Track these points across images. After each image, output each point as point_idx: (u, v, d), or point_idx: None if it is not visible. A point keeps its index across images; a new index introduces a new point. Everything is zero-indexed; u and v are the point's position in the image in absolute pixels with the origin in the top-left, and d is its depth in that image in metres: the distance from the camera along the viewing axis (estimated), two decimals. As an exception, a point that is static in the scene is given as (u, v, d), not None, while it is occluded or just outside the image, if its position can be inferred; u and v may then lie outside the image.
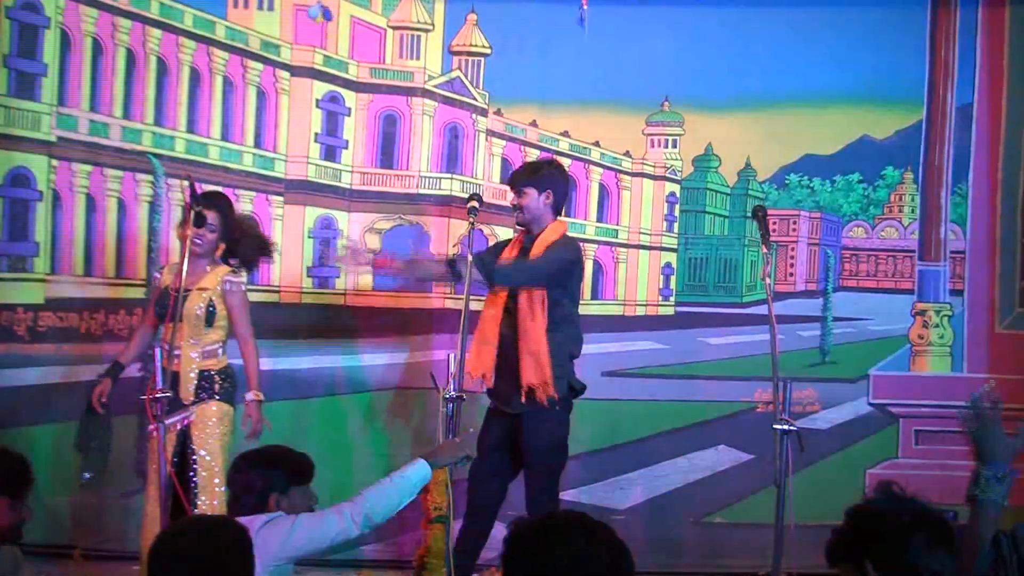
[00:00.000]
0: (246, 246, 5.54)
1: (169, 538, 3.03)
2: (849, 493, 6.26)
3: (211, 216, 5.26)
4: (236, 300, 5.41)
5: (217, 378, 5.36)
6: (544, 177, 5.46)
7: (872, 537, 2.84)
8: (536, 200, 5.43)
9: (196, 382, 5.32)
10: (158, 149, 6.57)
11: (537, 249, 5.43)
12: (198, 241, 5.23)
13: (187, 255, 5.02)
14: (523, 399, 5.32)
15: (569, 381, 5.41)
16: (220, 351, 5.43)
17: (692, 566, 6.40)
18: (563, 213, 5.66)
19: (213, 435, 5.30)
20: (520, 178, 5.50)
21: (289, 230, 6.75)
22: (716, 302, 7.02)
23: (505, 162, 6.92)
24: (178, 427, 5.28)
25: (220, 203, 5.46)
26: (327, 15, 6.75)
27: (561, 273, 5.41)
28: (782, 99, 6.78)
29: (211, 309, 5.35)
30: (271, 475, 3.91)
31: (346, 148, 6.83)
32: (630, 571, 2.60)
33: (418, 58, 6.88)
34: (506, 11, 6.78)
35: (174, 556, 2.94)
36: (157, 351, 4.96)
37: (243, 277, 5.54)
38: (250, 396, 5.37)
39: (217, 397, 5.35)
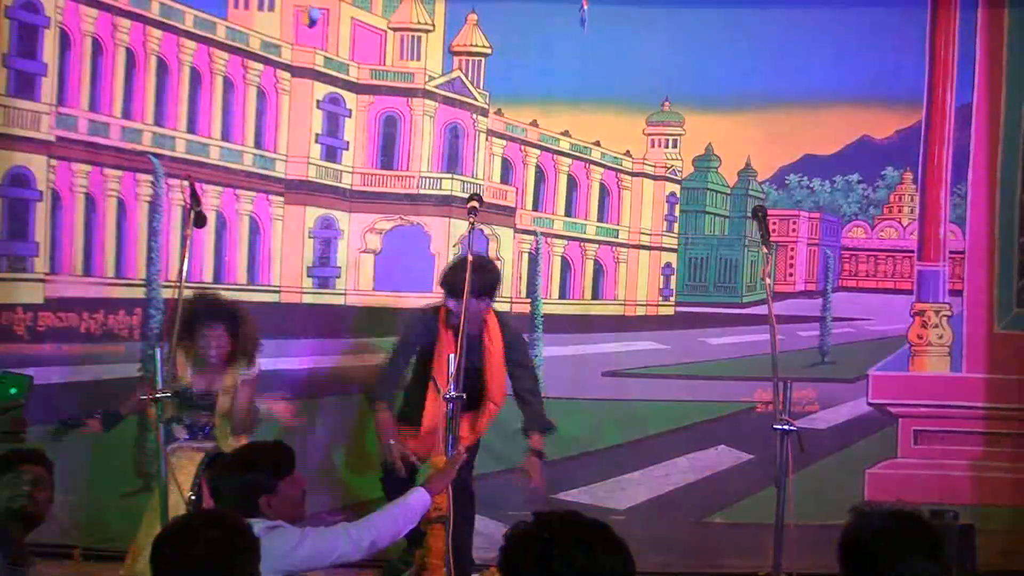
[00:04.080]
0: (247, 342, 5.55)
1: (177, 531, 3.01)
2: (849, 493, 6.27)
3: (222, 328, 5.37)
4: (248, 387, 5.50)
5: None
6: (485, 284, 5.43)
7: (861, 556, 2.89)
8: (475, 305, 5.33)
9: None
10: (158, 149, 6.57)
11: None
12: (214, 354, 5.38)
13: (187, 255, 5.03)
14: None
15: None
16: None
17: (692, 566, 6.39)
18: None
19: None
20: (462, 287, 5.29)
21: (289, 230, 6.75)
22: (716, 302, 7.03)
23: (505, 162, 6.93)
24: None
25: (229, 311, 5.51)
26: (313, 16, 6.75)
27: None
28: (782, 99, 6.78)
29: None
30: (254, 477, 3.84)
31: (347, 149, 6.83)
32: (629, 570, 2.60)
33: (418, 59, 6.87)
34: (507, 11, 6.77)
35: (182, 549, 2.92)
36: (157, 351, 4.96)
37: (254, 369, 5.56)
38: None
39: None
